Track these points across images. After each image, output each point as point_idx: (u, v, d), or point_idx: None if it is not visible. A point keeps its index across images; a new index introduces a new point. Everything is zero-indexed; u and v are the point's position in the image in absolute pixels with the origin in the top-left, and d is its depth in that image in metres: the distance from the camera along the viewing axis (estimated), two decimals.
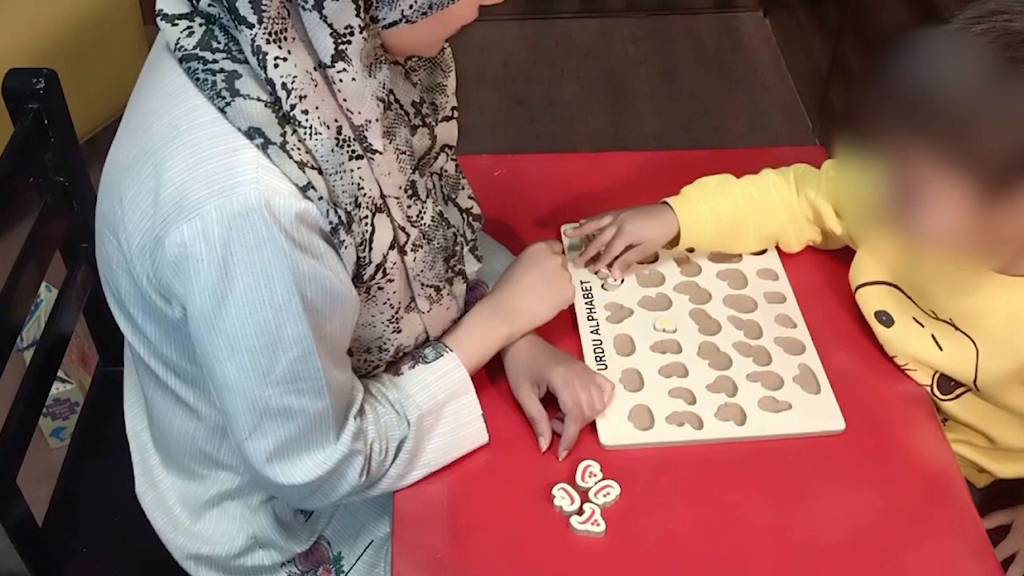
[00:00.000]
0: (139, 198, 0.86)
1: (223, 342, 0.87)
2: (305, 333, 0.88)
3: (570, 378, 1.09)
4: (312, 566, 1.15)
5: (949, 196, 0.96)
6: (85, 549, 1.26)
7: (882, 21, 2.25)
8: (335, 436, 0.96)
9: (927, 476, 1.10)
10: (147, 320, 0.96)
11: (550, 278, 1.15)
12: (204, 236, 0.83)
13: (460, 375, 1.06)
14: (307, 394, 0.92)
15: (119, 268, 0.93)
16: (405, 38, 0.89)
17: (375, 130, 0.89)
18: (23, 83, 1.18)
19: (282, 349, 0.88)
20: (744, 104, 2.80)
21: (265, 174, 0.83)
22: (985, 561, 1.03)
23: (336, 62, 0.84)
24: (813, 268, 1.30)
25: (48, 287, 1.84)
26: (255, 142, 0.83)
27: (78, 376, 1.89)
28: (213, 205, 0.82)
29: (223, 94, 0.84)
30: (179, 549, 1.12)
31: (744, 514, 1.06)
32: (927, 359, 1.15)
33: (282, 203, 0.83)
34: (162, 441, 1.10)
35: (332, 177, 0.87)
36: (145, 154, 0.87)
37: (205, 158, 0.83)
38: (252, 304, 0.85)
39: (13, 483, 1.12)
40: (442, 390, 1.05)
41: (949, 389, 1.16)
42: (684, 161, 1.49)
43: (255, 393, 0.90)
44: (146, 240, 0.87)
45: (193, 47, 0.86)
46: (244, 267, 0.84)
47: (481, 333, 1.10)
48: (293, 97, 0.83)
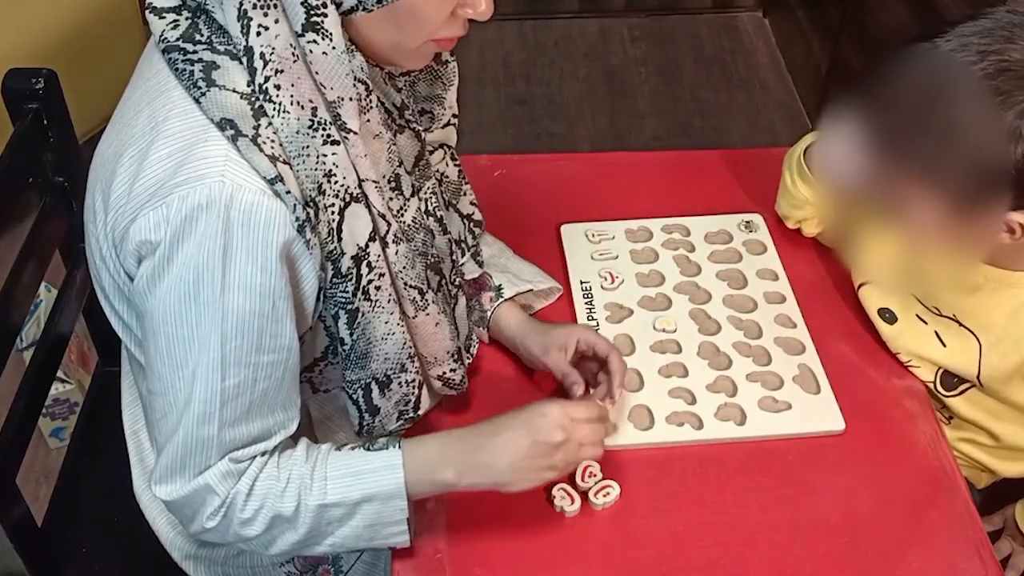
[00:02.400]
0: (115, 189, 0.87)
1: (149, 324, 0.87)
2: (216, 344, 0.85)
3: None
4: (311, 566, 1.15)
5: (925, 204, 1.00)
6: (85, 549, 1.26)
7: (882, 21, 2.25)
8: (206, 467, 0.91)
9: (927, 476, 1.10)
10: (131, 314, 0.96)
11: (542, 452, 0.96)
12: (166, 221, 0.83)
13: (393, 480, 0.94)
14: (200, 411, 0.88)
15: (101, 262, 0.93)
16: (372, 34, 0.87)
17: (349, 109, 0.87)
18: (23, 83, 1.18)
19: (195, 349, 0.86)
20: (743, 104, 2.80)
21: (232, 167, 0.83)
22: (985, 561, 1.03)
23: (307, 32, 0.83)
24: (813, 268, 1.31)
25: (48, 287, 1.84)
26: (226, 133, 0.83)
27: (78, 376, 1.89)
28: (178, 194, 0.82)
29: (199, 84, 0.84)
30: (178, 549, 1.12)
31: (744, 514, 1.06)
32: (930, 355, 1.15)
33: (245, 199, 0.83)
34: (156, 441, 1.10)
35: (295, 160, 0.85)
36: (124, 146, 0.87)
37: (177, 149, 0.84)
38: (179, 293, 0.84)
39: (13, 483, 1.12)
40: (365, 486, 0.94)
41: (952, 385, 1.17)
42: (684, 161, 1.50)
43: (167, 379, 0.88)
44: (116, 230, 0.87)
45: (176, 39, 0.86)
46: (184, 257, 0.83)
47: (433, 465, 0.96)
48: (268, 69, 0.82)
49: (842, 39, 2.46)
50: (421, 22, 0.87)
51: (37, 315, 1.88)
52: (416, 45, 0.90)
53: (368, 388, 0.99)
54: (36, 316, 1.88)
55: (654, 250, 1.31)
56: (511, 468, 0.96)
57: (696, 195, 1.39)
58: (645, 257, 1.31)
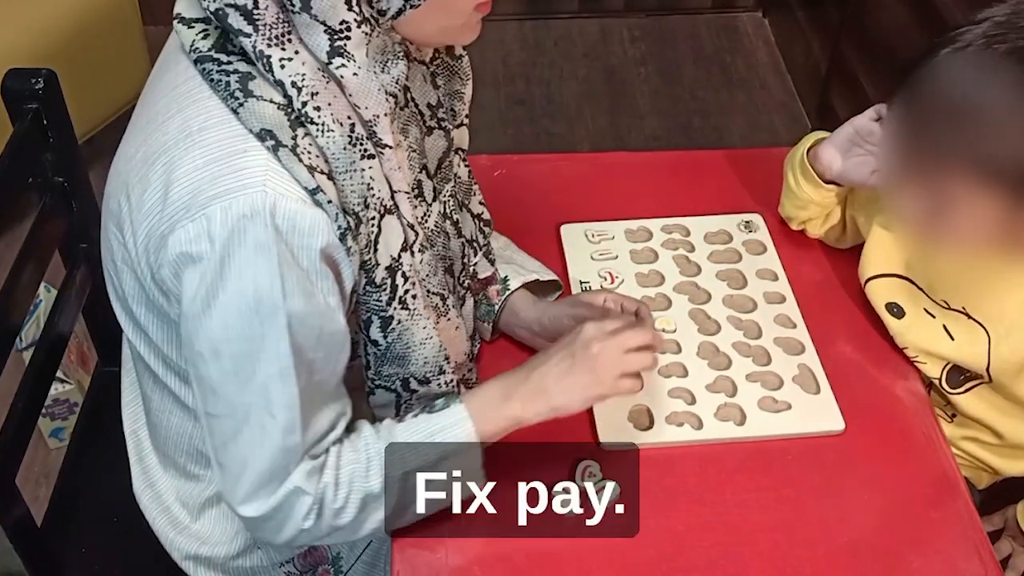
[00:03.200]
0: (147, 196, 0.86)
1: (208, 344, 0.86)
2: (286, 351, 0.86)
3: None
4: (311, 566, 1.15)
5: (978, 207, 0.98)
6: (84, 549, 1.26)
7: (882, 21, 2.25)
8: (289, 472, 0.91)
9: (927, 476, 1.10)
10: (149, 318, 0.96)
11: (582, 367, 0.98)
12: (208, 236, 0.82)
13: (464, 432, 0.96)
14: (284, 422, 0.88)
15: (123, 265, 0.93)
16: (421, 27, 0.89)
17: (384, 124, 0.87)
18: (22, 83, 1.18)
19: (263, 361, 0.86)
20: (743, 104, 2.80)
21: (273, 177, 0.83)
22: (985, 561, 1.03)
23: (333, 58, 0.83)
24: (813, 268, 1.30)
25: (47, 287, 1.84)
26: (266, 144, 0.83)
27: (77, 376, 1.89)
28: (219, 206, 0.82)
29: (236, 95, 0.83)
30: (178, 549, 1.12)
31: (743, 514, 1.06)
32: (938, 350, 1.15)
33: (289, 208, 0.83)
34: (159, 440, 1.10)
35: (342, 176, 0.86)
36: (156, 153, 0.87)
37: (215, 159, 0.83)
38: (239, 308, 0.84)
39: (12, 483, 1.12)
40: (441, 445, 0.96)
41: (959, 382, 1.17)
42: (683, 161, 1.50)
43: (236, 399, 0.88)
44: (151, 238, 0.86)
45: (208, 49, 0.86)
46: (238, 271, 0.83)
47: (497, 403, 0.98)
48: (304, 94, 0.83)
49: (842, 39, 2.46)
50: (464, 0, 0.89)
51: (37, 315, 1.88)
52: (463, 20, 0.91)
53: (407, 380, 1.01)
54: (36, 316, 1.88)
55: (654, 250, 1.31)
56: (560, 389, 0.98)
57: (696, 195, 1.39)
58: (645, 257, 1.31)
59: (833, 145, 1.19)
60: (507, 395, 0.98)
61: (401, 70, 0.88)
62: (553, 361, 0.98)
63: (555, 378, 0.98)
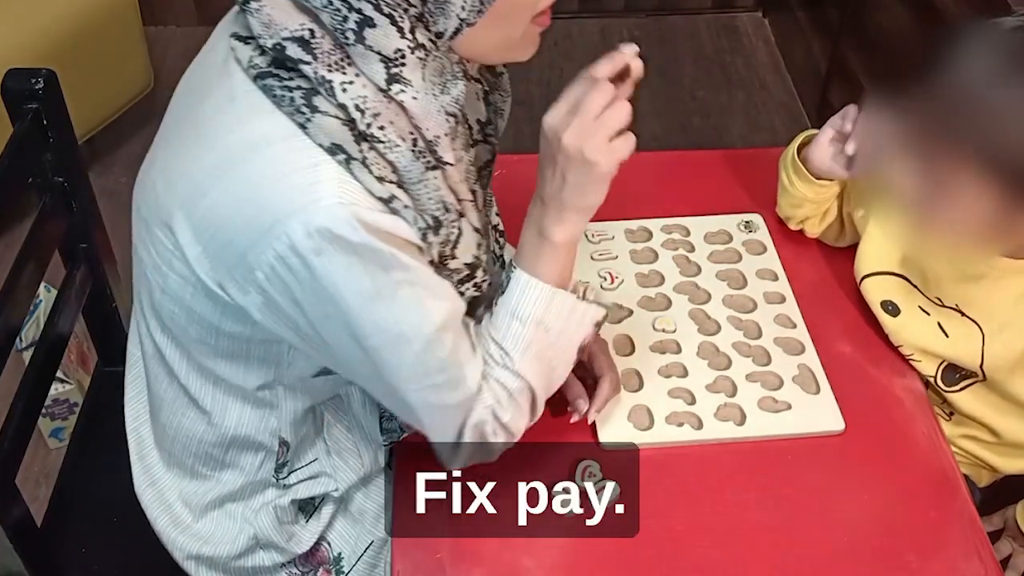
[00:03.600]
0: (218, 213, 0.86)
1: (356, 354, 0.89)
2: (418, 319, 0.88)
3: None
4: (312, 567, 1.15)
5: (976, 191, 0.98)
6: (84, 549, 1.26)
7: (882, 21, 2.25)
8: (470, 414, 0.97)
9: (926, 476, 1.10)
10: (191, 320, 0.95)
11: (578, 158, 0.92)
12: (295, 251, 0.82)
13: (537, 289, 0.98)
14: (448, 385, 0.93)
15: (169, 269, 0.93)
16: (480, 44, 0.89)
17: (444, 143, 0.88)
18: (22, 83, 1.18)
19: (405, 342, 0.88)
20: (743, 104, 2.80)
21: (348, 187, 0.83)
22: (985, 561, 1.03)
23: (392, 84, 0.83)
24: (813, 268, 1.31)
25: (47, 287, 1.84)
26: (337, 158, 0.83)
27: (77, 376, 1.89)
28: (297, 221, 0.82)
29: (303, 110, 0.83)
30: (179, 549, 1.12)
31: (743, 514, 1.06)
32: (933, 348, 1.16)
33: (367, 216, 0.83)
34: (167, 440, 1.10)
35: (415, 187, 0.87)
36: (220, 167, 0.86)
37: (286, 172, 0.83)
38: (363, 306, 0.85)
39: (12, 483, 1.12)
40: (528, 312, 0.98)
41: (954, 380, 1.17)
42: (683, 161, 1.50)
43: (410, 386, 0.91)
44: (221, 251, 0.87)
45: (267, 65, 0.85)
46: (344, 273, 0.84)
47: (537, 244, 0.99)
48: (368, 116, 0.83)
49: (842, 39, 2.46)
50: (521, 7, 0.89)
51: (37, 315, 1.88)
52: (520, 33, 0.91)
53: None
54: (36, 316, 1.88)
55: (653, 250, 1.32)
56: (573, 195, 0.95)
57: (696, 195, 1.39)
58: (645, 257, 1.31)
59: (820, 141, 1.19)
60: (541, 232, 0.98)
61: (460, 90, 0.88)
62: (548, 177, 0.95)
63: (562, 187, 0.94)
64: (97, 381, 1.45)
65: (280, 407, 1.02)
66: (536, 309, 0.98)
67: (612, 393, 1.11)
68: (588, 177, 0.93)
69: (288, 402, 1.02)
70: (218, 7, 2.66)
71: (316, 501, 1.13)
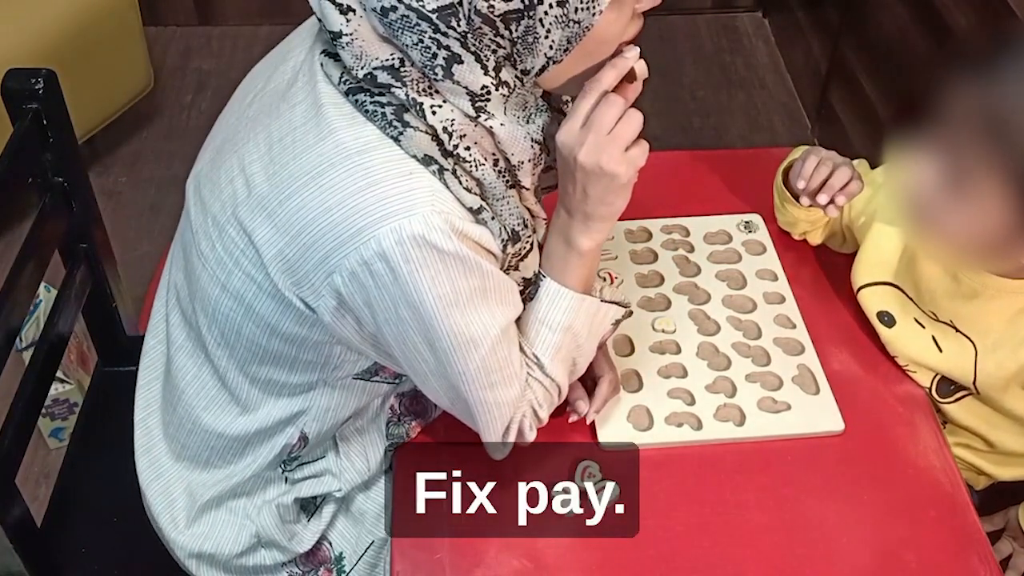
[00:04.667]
0: (303, 215, 0.87)
1: (423, 352, 0.91)
2: (489, 323, 0.91)
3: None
4: (314, 566, 1.15)
5: (991, 203, 0.97)
6: (84, 549, 1.26)
7: (881, 21, 2.25)
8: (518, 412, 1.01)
9: (926, 477, 1.10)
10: (248, 318, 0.96)
11: (595, 171, 0.93)
12: (383, 256, 0.84)
13: (564, 299, 1.01)
14: (503, 383, 0.96)
15: (235, 266, 0.94)
16: (563, 78, 0.90)
17: (527, 169, 0.91)
18: (22, 83, 1.18)
19: (474, 345, 0.91)
20: (743, 104, 2.80)
21: (441, 197, 0.85)
22: (984, 562, 1.03)
23: (480, 114, 0.87)
24: (812, 269, 1.31)
25: (47, 287, 1.84)
26: (430, 168, 0.86)
27: (77, 376, 1.89)
28: (389, 227, 0.84)
29: (394, 124, 0.86)
30: (181, 547, 1.12)
31: (743, 515, 1.06)
32: (927, 361, 1.16)
33: (457, 225, 0.86)
34: (181, 432, 1.09)
35: (498, 203, 0.90)
36: (311, 171, 0.87)
37: (378, 180, 0.85)
38: (441, 311, 0.88)
39: (12, 483, 1.12)
40: (556, 320, 1.01)
41: (949, 392, 1.17)
42: (683, 161, 1.50)
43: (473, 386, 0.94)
44: (302, 253, 0.88)
45: (358, 81, 0.87)
46: (431, 280, 0.86)
47: (564, 253, 1.00)
48: (455, 137, 0.86)
49: (842, 39, 2.46)
50: (608, 43, 0.89)
51: (36, 315, 1.88)
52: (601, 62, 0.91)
53: None
54: (35, 316, 1.88)
55: (653, 250, 1.32)
56: (595, 205, 0.96)
57: (695, 195, 1.39)
58: (644, 257, 1.31)
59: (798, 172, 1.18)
60: (568, 242, 0.99)
61: (545, 119, 0.91)
62: (571, 190, 0.95)
63: (584, 200, 0.95)
64: (97, 381, 1.45)
65: (314, 403, 1.03)
66: (566, 317, 1.01)
67: (611, 393, 1.12)
68: (609, 188, 0.95)
69: (323, 399, 1.03)
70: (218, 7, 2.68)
71: (318, 500, 1.13)
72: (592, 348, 1.07)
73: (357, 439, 1.12)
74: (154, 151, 2.55)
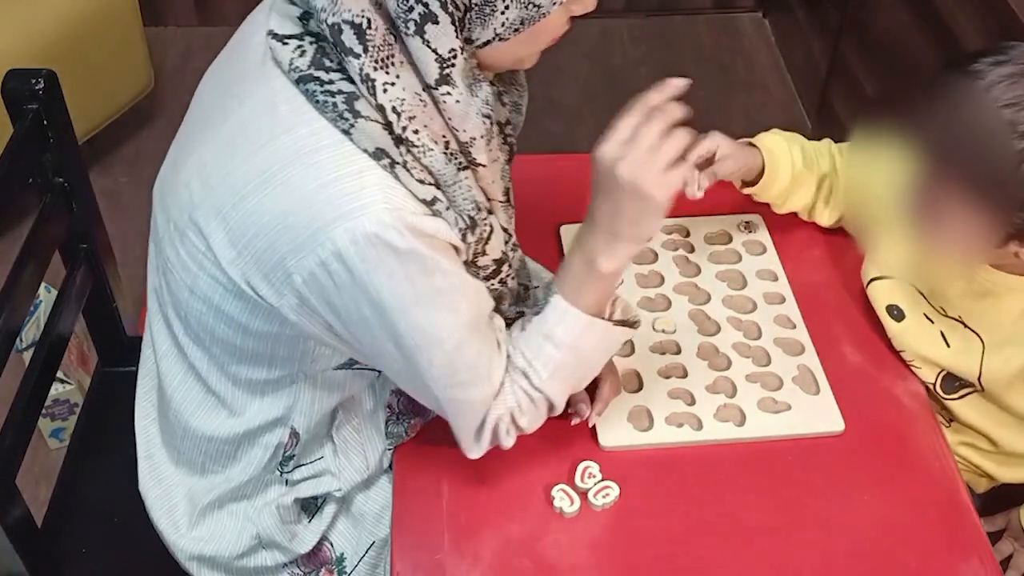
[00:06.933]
0: (257, 219, 0.87)
1: (390, 350, 0.91)
2: (452, 321, 0.91)
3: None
4: (315, 567, 1.15)
5: (970, 225, 1.00)
6: (84, 550, 1.26)
7: (881, 21, 2.25)
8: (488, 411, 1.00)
9: (926, 477, 1.10)
10: (219, 320, 0.96)
11: (632, 188, 0.91)
12: (339, 257, 0.84)
13: (574, 318, 0.98)
14: (473, 382, 0.96)
15: (199, 269, 0.94)
16: (500, 55, 0.90)
17: (480, 145, 0.90)
18: (22, 83, 1.18)
19: (438, 344, 0.91)
20: (743, 104, 2.80)
21: (393, 194, 0.85)
22: (985, 563, 1.03)
23: (441, 85, 0.85)
24: (813, 269, 1.31)
25: (47, 287, 1.84)
26: (382, 163, 0.85)
27: (77, 377, 1.89)
28: (343, 227, 0.83)
29: (345, 116, 0.85)
30: (182, 550, 1.12)
31: (743, 515, 1.06)
32: (933, 356, 1.16)
33: (411, 220, 0.85)
34: (175, 438, 1.10)
35: (451, 189, 0.89)
36: (263, 173, 0.87)
37: (331, 180, 0.85)
38: (402, 310, 0.88)
39: (12, 484, 1.12)
40: (562, 338, 0.99)
41: (953, 388, 1.17)
42: None
43: (439, 383, 0.94)
44: (259, 256, 0.88)
45: (307, 67, 0.86)
46: (387, 278, 0.86)
47: (584, 274, 0.99)
48: (404, 119, 0.85)
49: (842, 39, 2.46)
50: (547, 34, 0.91)
51: (37, 315, 1.88)
52: (536, 52, 0.94)
53: None
54: (36, 316, 1.88)
55: (653, 251, 1.32)
56: (627, 224, 0.94)
57: None
58: (644, 258, 1.31)
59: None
60: (590, 260, 0.97)
61: (488, 92, 0.90)
62: (603, 207, 0.94)
63: (615, 218, 0.93)
64: (97, 381, 1.45)
65: (297, 397, 1.03)
66: (570, 337, 0.99)
67: (612, 395, 1.12)
68: (643, 210, 0.93)
69: (306, 392, 1.03)
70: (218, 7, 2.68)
71: (318, 501, 1.13)
72: (596, 368, 1.05)
73: (355, 438, 1.12)
74: (154, 151, 2.53)
